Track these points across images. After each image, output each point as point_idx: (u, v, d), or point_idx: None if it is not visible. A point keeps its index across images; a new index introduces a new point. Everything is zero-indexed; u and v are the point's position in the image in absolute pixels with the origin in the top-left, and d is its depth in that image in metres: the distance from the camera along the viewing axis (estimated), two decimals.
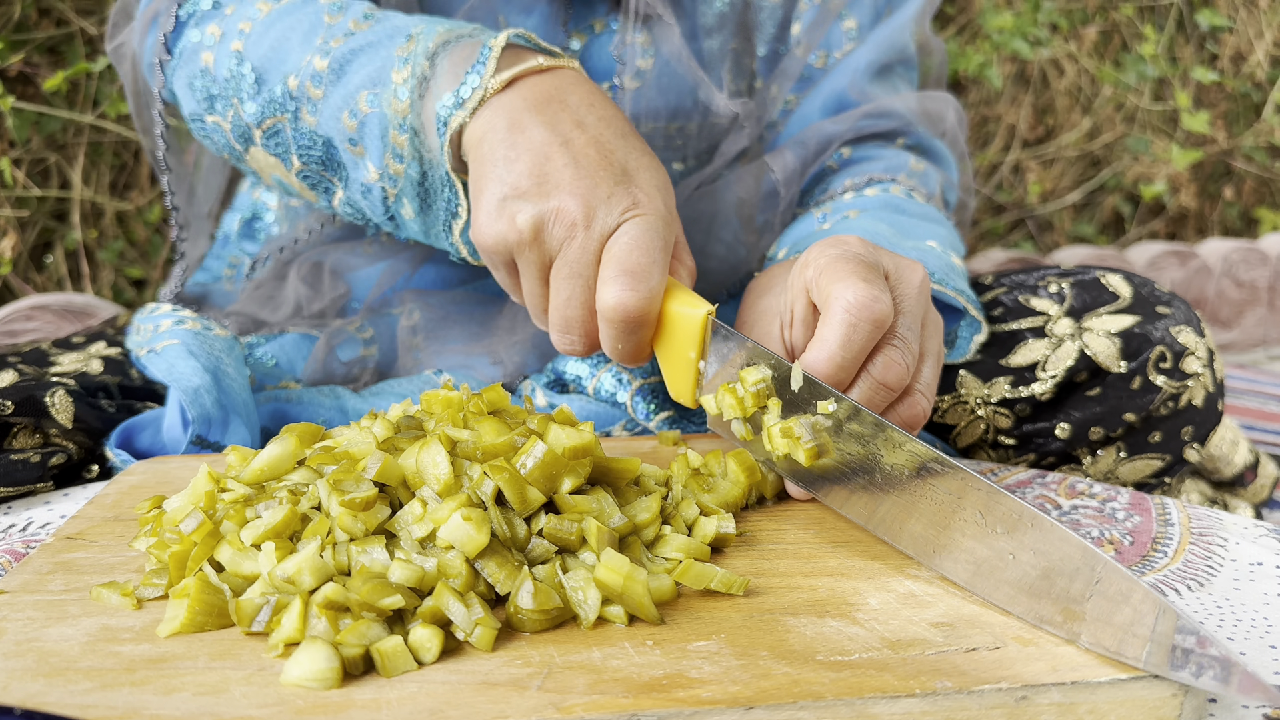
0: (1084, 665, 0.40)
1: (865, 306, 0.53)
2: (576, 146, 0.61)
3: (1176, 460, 0.79)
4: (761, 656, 0.41)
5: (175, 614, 0.43)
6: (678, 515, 0.51)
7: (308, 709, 0.37)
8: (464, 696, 0.38)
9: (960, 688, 0.38)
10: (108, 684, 0.39)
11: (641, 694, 0.38)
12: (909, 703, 0.38)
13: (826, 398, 0.51)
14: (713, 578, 0.46)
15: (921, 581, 0.48)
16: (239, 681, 0.39)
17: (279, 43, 0.71)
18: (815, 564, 0.50)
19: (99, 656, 0.41)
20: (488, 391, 0.55)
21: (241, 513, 0.47)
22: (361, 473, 0.47)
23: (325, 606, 0.41)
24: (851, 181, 0.86)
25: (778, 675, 0.39)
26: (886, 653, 0.41)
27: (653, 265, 0.58)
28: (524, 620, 0.43)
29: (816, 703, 0.38)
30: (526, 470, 0.47)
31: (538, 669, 0.40)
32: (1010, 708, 0.39)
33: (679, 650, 0.41)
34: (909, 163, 0.89)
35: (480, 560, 0.45)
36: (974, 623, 0.44)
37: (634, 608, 0.43)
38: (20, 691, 0.38)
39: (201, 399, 0.69)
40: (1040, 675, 0.39)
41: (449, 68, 0.65)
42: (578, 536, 0.47)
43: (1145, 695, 0.39)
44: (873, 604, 0.45)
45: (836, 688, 0.38)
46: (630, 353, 0.61)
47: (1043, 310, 0.79)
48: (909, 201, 0.84)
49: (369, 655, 0.40)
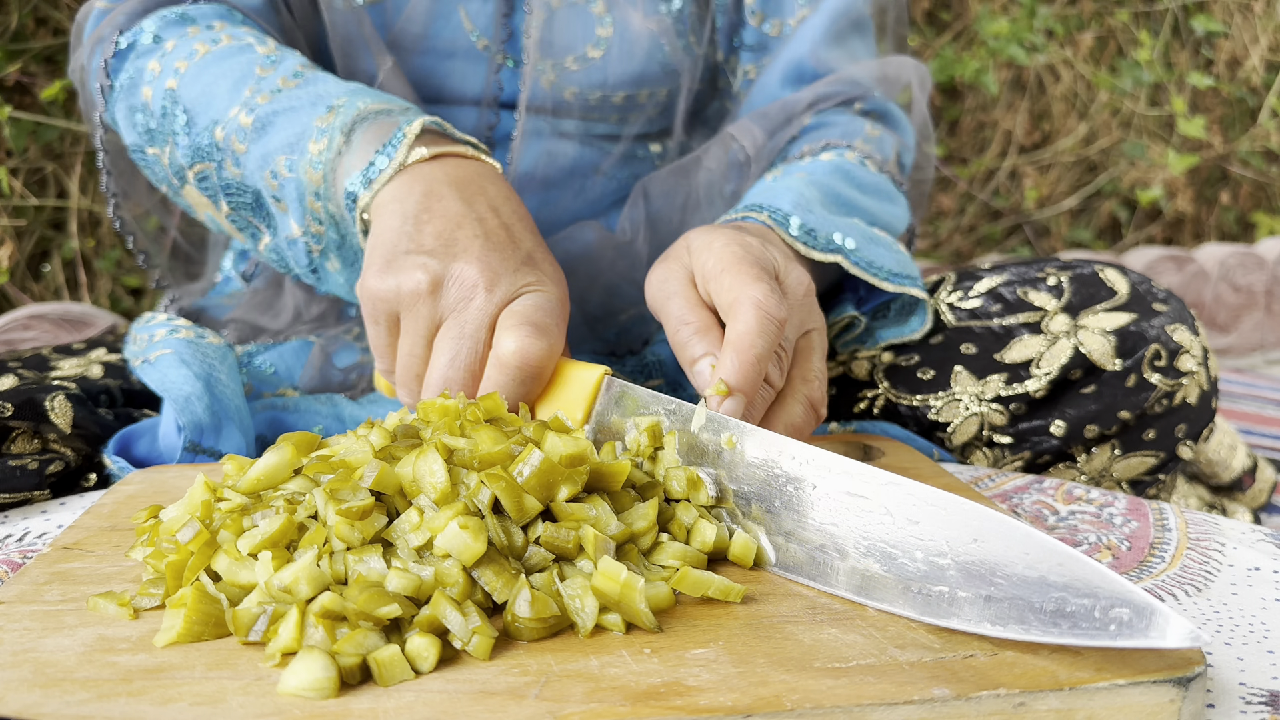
0: (1081, 671, 0.40)
1: (775, 307, 0.57)
2: (489, 225, 0.63)
3: (1170, 457, 0.79)
4: (759, 664, 0.41)
5: (172, 624, 0.43)
6: (676, 520, 0.51)
7: (305, 718, 0.37)
8: (461, 705, 0.38)
9: (958, 695, 0.38)
10: (104, 694, 0.39)
11: (639, 702, 0.38)
12: (907, 710, 0.38)
13: (726, 432, 0.52)
14: (710, 585, 0.46)
15: None
16: (236, 691, 0.39)
17: (209, 89, 0.72)
18: None
19: (96, 667, 0.41)
20: (484, 400, 0.55)
21: (238, 522, 0.47)
22: (358, 481, 0.47)
23: (322, 616, 0.41)
24: (809, 146, 0.87)
25: (775, 683, 0.39)
26: (884, 660, 0.41)
27: (554, 325, 0.59)
28: (521, 629, 0.43)
29: (814, 710, 0.38)
30: (523, 479, 0.47)
31: (535, 677, 0.40)
32: (1008, 714, 0.39)
33: (676, 658, 0.41)
34: (864, 129, 0.90)
35: (477, 569, 0.44)
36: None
37: (631, 616, 0.43)
38: (17, 702, 0.38)
39: (193, 406, 0.69)
40: (1038, 681, 0.39)
41: (362, 145, 0.67)
42: (575, 544, 0.47)
43: (1143, 700, 0.39)
44: (869, 611, 0.45)
45: (834, 696, 0.38)
46: (511, 407, 0.60)
47: (1040, 305, 0.79)
48: (860, 169, 0.85)
49: (366, 665, 0.40)
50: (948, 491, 0.45)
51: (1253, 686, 0.46)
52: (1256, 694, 0.45)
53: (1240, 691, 0.45)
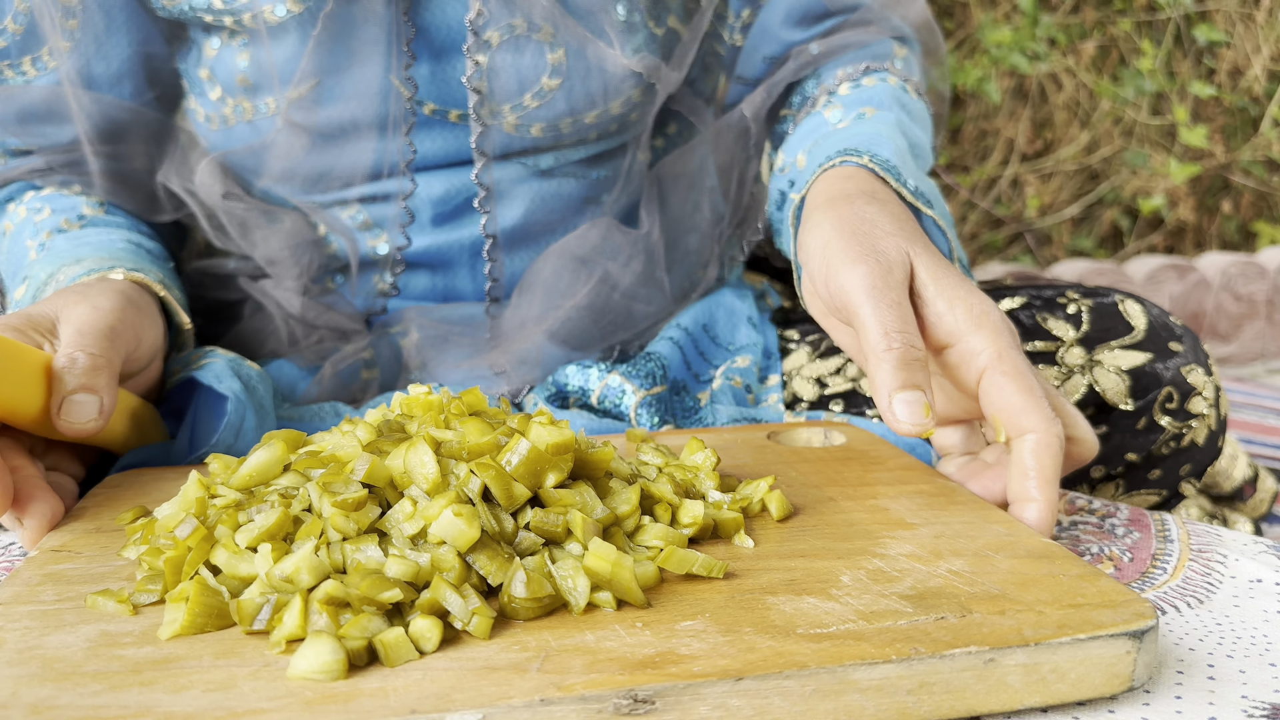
0: (1046, 629, 0.43)
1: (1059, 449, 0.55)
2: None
3: (1173, 495, 0.79)
4: (746, 632, 0.43)
5: (175, 617, 0.44)
6: (662, 503, 0.53)
7: (317, 700, 0.39)
8: (467, 681, 0.40)
9: (933, 652, 0.41)
10: (116, 686, 0.40)
11: (637, 670, 0.40)
12: (886, 668, 0.41)
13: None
14: (694, 562, 0.48)
15: (889, 559, 0.50)
16: (246, 677, 0.40)
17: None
18: (787, 548, 0.52)
19: (103, 660, 0.42)
20: (465, 395, 0.57)
21: (234, 517, 0.48)
22: (350, 475, 0.49)
23: (326, 602, 0.42)
24: (845, 72, 0.84)
25: (762, 649, 0.42)
26: (862, 624, 0.44)
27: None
28: (518, 609, 0.45)
29: (801, 671, 0.40)
30: (512, 467, 0.49)
31: (535, 653, 0.42)
32: (979, 669, 0.42)
33: (668, 630, 0.43)
34: (893, 49, 0.87)
35: (471, 554, 0.46)
36: (941, 594, 0.46)
37: (622, 593, 0.45)
38: (30, 697, 0.39)
39: (242, 409, 0.70)
40: (1006, 639, 0.42)
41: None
42: (563, 529, 0.49)
43: (1102, 653, 0.42)
44: (845, 580, 0.48)
45: (819, 657, 0.41)
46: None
47: (1058, 335, 0.77)
48: (909, 98, 0.82)
49: (371, 648, 0.41)
50: (909, 471, 0.48)
51: (1255, 699, 0.46)
52: (1259, 707, 0.45)
53: (1243, 705, 0.45)
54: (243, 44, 0.81)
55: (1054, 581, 0.47)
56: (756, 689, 0.40)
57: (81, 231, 0.81)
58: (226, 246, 0.88)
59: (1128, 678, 0.43)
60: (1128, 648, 0.43)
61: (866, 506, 0.58)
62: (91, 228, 0.82)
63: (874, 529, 0.54)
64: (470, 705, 0.38)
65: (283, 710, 0.38)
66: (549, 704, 0.38)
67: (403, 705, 0.38)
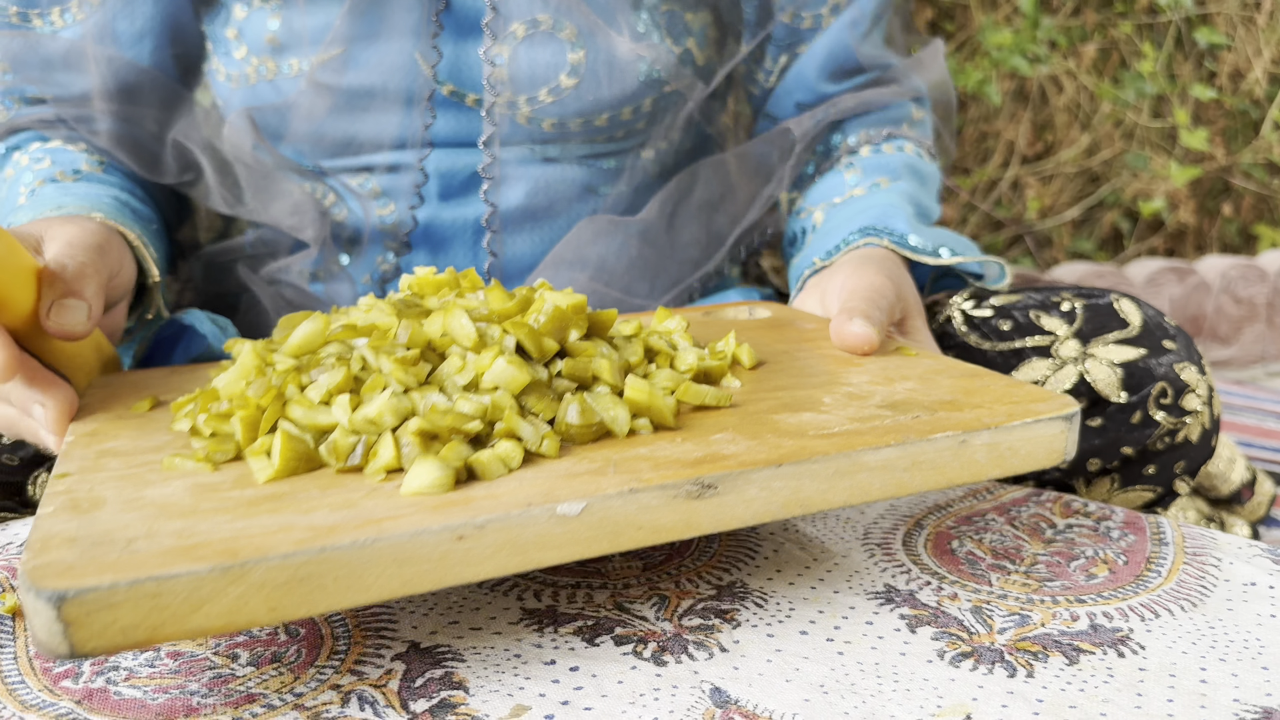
0: (998, 418, 0.54)
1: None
2: None
3: (1168, 492, 0.82)
4: (768, 438, 0.52)
5: (266, 463, 0.49)
6: (662, 354, 0.61)
7: (440, 505, 0.45)
8: (559, 484, 0.47)
9: (920, 437, 0.51)
10: (243, 515, 0.44)
11: (695, 466, 0.48)
12: (888, 451, 0.51)
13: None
14: (707, 394, 0.57)
15: (855, 385, 0.60)
16: (363, 499, 0.46)
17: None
18: (769, 384, 0.61)
19: (216, 501, 0.46)
20: (465, 274, 0.63)
21: (297, 378, 0.53)
22: (394, 339, 0.54)
23: (418, 434, 0.48)
24: (866, 134, 0.93)
25: (788, 446, 0.51)
26: (857, 425, 0.53)
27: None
28: (574, 434, 0.52)
29: (825, 457, 0.49)
30: (539, 324, 0.56)
31: (604, 464, 0.49)
32: (955, 449, 0.52)
33: (705, 441, 0.52)
34: (911, 112, 0.96)
35: (523, 397, 0.53)
36: (908, 402, 0.57)
37: (659, 417, 0.53)
38: (167, 529, 0.43)
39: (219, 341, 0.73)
40: (972, 425, 0.53)
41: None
42: (591, 374, 0.56)
43: (1043, 433, 0.54)
44: (828, 401, 0.58)
45: (835, 446, 0.50)
46: None
47: (1051, 330, 0.80)
48: (923, 163, 0.92)
49: (465, 470, 0.48)
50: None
51: (1246, 703, 0.47)
52: (1250, 710, 0.46)
53: (1234, 708, 0.46)
54: (275, 7, 0.83)
55: (990, 390, 0.59)
56: (793, 472, 0.49)
57: (73, 184, 0.81)
58: (235, 212, 0.89)
59: (1062, 452, 0.55)
60: (1062, 428, 0.54)
61: (815, 355, 0.68)
62: (84, 182, 0.82)
63: (831, 368, 0.64)
64: (573, 497, 0.45)
65: (414, 514, 0.44)
66: (637, 492, 0.46)
67: (516, 501, 0.45)
